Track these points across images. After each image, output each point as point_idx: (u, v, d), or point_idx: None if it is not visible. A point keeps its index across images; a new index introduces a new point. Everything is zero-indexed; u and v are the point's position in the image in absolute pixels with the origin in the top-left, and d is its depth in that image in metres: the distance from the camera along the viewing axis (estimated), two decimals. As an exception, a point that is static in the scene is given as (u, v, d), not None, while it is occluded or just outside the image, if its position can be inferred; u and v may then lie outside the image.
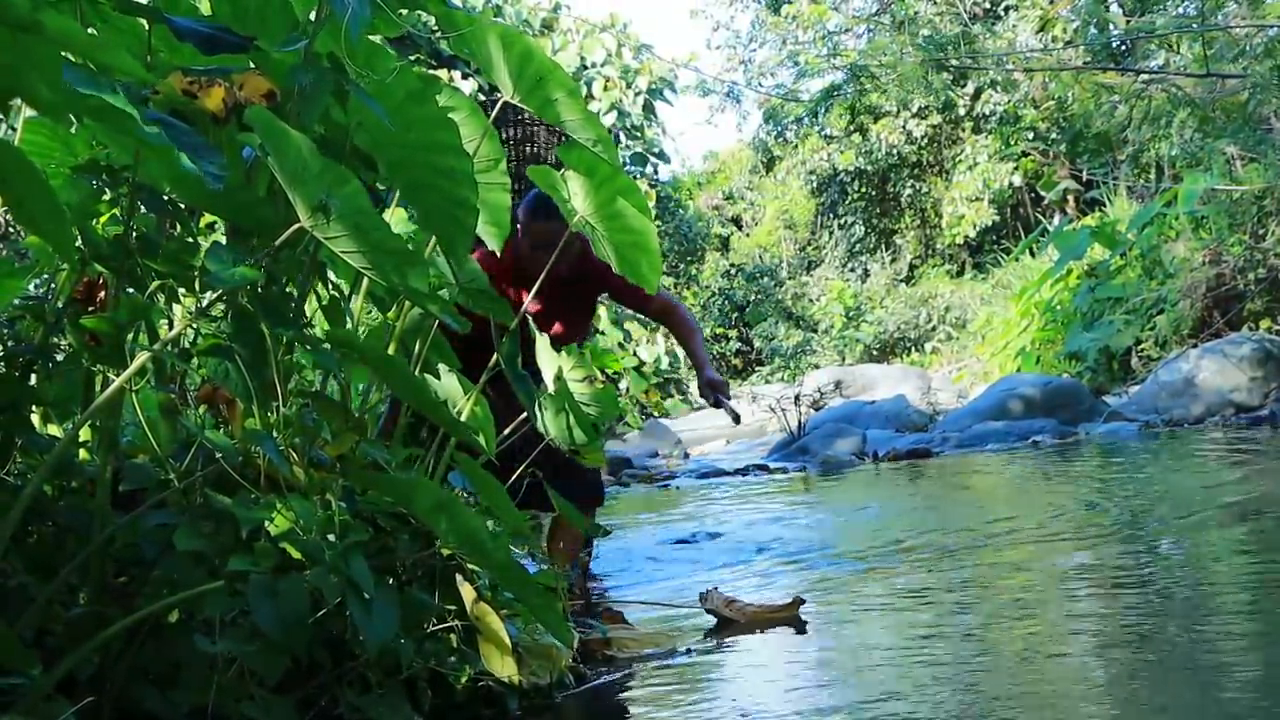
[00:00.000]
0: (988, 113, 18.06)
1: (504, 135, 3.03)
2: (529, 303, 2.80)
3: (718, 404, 3.76)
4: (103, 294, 1.88)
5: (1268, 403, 8.14)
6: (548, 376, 2.64)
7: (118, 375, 1.70)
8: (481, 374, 2.63)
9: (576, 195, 2.59)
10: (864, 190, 20.62)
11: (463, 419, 2.51)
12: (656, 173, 19.38)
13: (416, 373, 2.41)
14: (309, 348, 1.91)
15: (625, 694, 2.45)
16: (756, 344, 22.22)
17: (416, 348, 2.52)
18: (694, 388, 3.85)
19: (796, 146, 21.48)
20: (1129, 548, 3.59)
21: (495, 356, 2.58)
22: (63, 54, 1.46)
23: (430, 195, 2.12)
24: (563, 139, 3.01)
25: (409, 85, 2.03)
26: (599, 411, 2.64)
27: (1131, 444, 7.28)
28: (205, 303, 1.79)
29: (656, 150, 17.97)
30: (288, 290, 2.04)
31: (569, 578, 3.29)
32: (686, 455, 10.48)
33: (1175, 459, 6.38)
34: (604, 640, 2.73)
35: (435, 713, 2.07)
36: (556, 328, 3.69)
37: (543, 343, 2.64)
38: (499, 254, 2.94)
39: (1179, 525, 3.94)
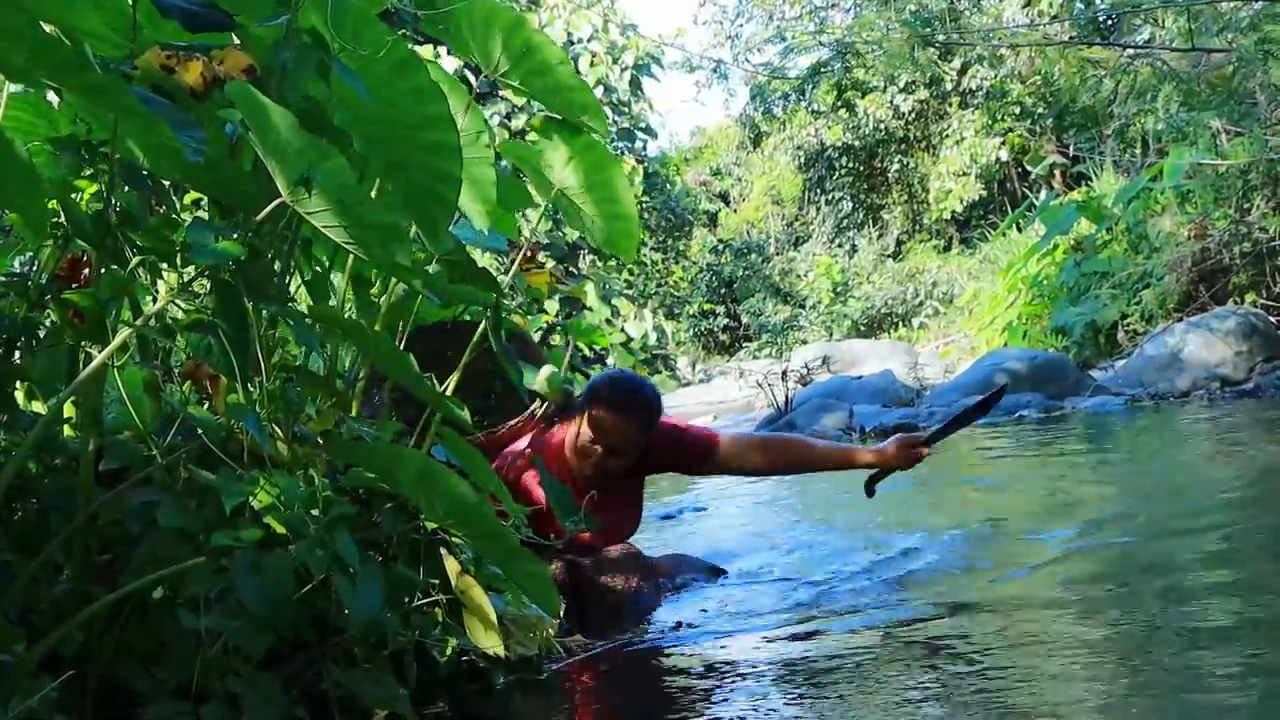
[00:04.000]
0: (974, 88, 18.05)
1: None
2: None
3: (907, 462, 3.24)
4: (86, 270, 1.87)
5: (1253, 376, 8.17)
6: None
7: (101, 352, 1.69)
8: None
9: (555, 165, 2.57)
10: (851, 166, 20.60)
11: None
12: (644, 148, 19.36)
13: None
14: (291, 323, 1.91)
15: (613, 666, 2.45)
16: (744, 320, 22.23)
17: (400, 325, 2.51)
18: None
19: (784, 122, 21.43)
20: (1126, 535, 3.60)
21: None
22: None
23: (410, 173, 2.09)
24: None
25: (398, 55, 1.97)
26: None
27: (1118, 418, 7.30)
28: (188, 278, 1.78)
29: (643, 125, 17.97)
30: (271, 265, 2.03)
31: None
32: (674, 431, 10.45)
33: (1161, 434, 6.41)
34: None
35: (421, 687, 2.07)
36: (604, 531, 2.93)
37: None
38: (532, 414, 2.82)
39: (1172, 501, 3.97)
